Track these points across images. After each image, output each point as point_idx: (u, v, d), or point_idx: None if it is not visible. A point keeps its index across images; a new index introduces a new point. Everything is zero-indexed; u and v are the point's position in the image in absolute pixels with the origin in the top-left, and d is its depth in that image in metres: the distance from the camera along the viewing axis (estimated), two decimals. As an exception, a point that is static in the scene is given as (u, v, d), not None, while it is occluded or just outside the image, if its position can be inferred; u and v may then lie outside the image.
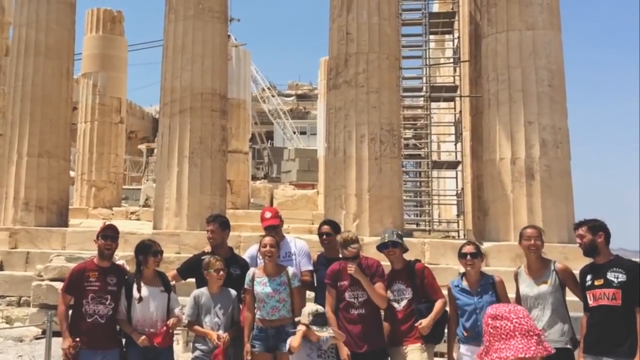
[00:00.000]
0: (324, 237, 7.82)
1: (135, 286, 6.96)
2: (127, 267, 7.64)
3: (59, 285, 12.25)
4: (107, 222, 7.45)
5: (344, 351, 6.74)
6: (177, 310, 7.07)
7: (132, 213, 22.73)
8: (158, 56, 17.59)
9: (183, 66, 16.53)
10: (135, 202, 27.02)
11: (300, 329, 6.53)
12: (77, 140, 23.90)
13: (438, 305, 7.12)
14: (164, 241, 14.49)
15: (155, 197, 17.17)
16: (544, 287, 6.92)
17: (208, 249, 7.99)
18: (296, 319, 6.72)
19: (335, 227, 7.94)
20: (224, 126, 17.25)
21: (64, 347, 6.76)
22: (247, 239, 15.16)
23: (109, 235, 7.02)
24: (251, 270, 7.29)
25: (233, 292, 7.30)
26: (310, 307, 6.73)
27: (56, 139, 17.42)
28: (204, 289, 7.25)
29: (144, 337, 6.79)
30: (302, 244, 8.07)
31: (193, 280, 7.78)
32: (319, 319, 6.57)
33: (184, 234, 15.38)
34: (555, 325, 6.85)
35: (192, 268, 7.71)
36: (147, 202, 24.81)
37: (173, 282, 7.51)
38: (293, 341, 6.51)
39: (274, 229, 7.89)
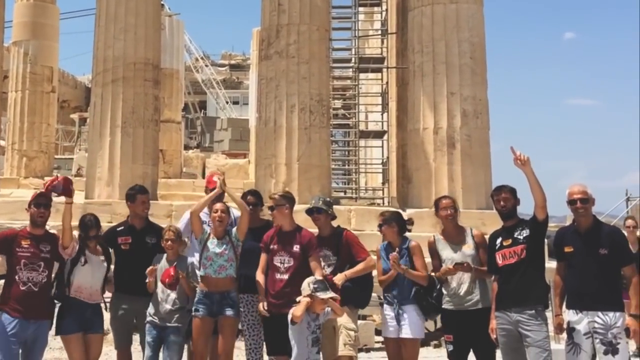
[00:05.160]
0: (250, 207, 7.92)
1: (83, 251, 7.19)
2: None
3: (-12, 256, 12.35)
4: (39, 191, 7.50)
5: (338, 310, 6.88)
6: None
7: (64, 182, 22.63)
8: (91, 25, 17.56)
9: (116, 35, 16.52)
10: (67, 171, 26.79)
11: (305, 300, 6.64)
12: (8, 109, 23.55)
13: (359, 265, 7.44)
14: (96, 210, 14.40)
15: (88, 166, 17.25)
16: (467, 250, 7.34)
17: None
18: (298, 299, 6.78)
19: (258, 197, 8.18)
20: (157, 96, 17.33)
21: None
22: (179, 207, 15.40)
23: (41, 203, 7.10)
24: (207, 229, 7.52)
25: (190, 259, 7.62)
26: (308, 279, 6.85)
27: (-14, 108, 17.25)
28: (162, 255, 7.60)
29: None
30: (237, 213, 8.41)
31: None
32: (321, 285, 6.72)
33: (115, 203, 15.41)
34: (480, 285, 7.30)
35: (108, 240, 7.87)
36: (80, 171, 24.75)
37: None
38: (296, 310, 6.60)
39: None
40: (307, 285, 6.72)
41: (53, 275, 7.16)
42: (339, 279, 7.28)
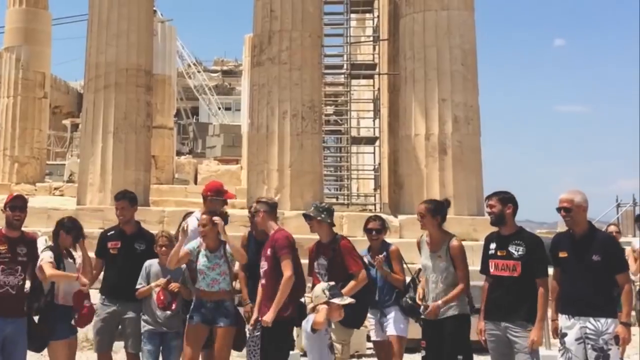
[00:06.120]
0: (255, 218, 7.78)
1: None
2: (48, 242, 7.71)
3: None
4: (15, 193, 7.40)
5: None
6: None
7: (56, 189, 22.58)
8: (83, 30, 17.57)
9: (108, 41, 16.54)
10: (59, 177, 26.78)
11: (324, 307, 6.44)
12: (0, 115, 23.60)
13: (349, 285, 7.26)
14: (88, 216, 14.62)
15: (80, 172, 17.22)
16: (440, 262, 7.23)
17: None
18: (310, 306, 6.64)
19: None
20: (149, 102, 17.36)
21: None
22: (171, 213, 15.39)
23: (17, 205, 7.01)
24: (197, 243, 7.39)
25: (183, 265, 7.54)
26: (321, 286, 6.67)
27: (-23, 114, 17.22)
28: (155, 260, 7.58)
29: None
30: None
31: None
32: (335, 291, 6.55)
33: (107, 209, 15.27)
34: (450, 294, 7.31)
35: (99, 244, 7.94)
36: (72, 177, 24.68)
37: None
38: (318, 317, 6.39)
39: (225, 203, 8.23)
40: (321, 292, 6.52)
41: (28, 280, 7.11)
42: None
